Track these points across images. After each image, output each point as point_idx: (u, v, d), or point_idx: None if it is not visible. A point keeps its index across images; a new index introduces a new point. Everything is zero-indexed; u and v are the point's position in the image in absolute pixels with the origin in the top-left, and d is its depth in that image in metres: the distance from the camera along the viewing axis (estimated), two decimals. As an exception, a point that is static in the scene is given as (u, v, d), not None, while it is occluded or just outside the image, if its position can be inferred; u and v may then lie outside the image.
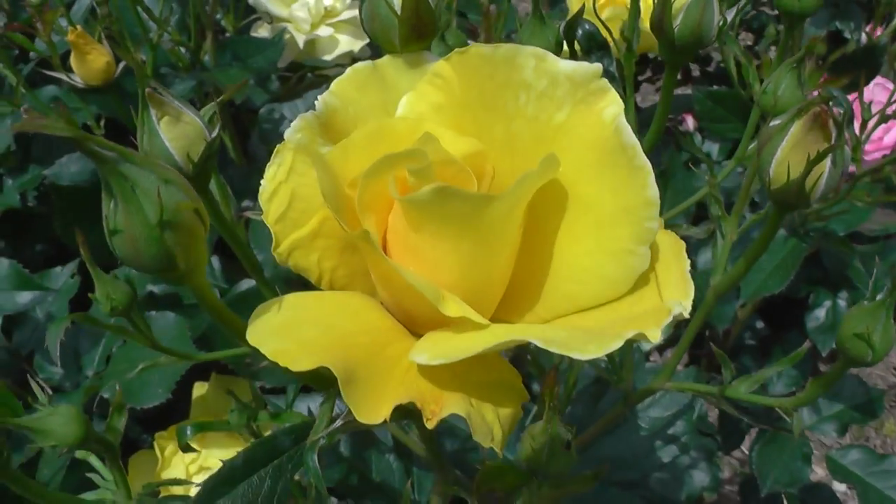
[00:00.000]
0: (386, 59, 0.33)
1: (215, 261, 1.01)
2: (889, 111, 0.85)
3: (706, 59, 1.67)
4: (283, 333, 0.27)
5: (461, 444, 0.72)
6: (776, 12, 1.46)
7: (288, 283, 0.42)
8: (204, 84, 1.04)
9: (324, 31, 1.15)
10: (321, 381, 0.36)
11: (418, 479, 0.66)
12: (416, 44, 0.34)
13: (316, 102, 0.32)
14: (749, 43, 1.73)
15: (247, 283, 0.91)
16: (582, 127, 0.29)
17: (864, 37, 0.99)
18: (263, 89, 1.17)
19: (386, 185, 0.28)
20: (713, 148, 1.19)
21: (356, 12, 1.14)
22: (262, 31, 1.16)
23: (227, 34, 1.12)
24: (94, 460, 0.54)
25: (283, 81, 1.22)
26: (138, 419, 0.91)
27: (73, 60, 0.84)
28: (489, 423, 0.27)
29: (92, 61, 0.83)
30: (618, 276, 0.29)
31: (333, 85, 0.32)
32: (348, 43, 1.18)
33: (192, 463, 0.84)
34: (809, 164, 0.32)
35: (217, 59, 1.05)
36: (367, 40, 1.17)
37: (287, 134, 0.31)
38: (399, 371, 0.28)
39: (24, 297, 0.83)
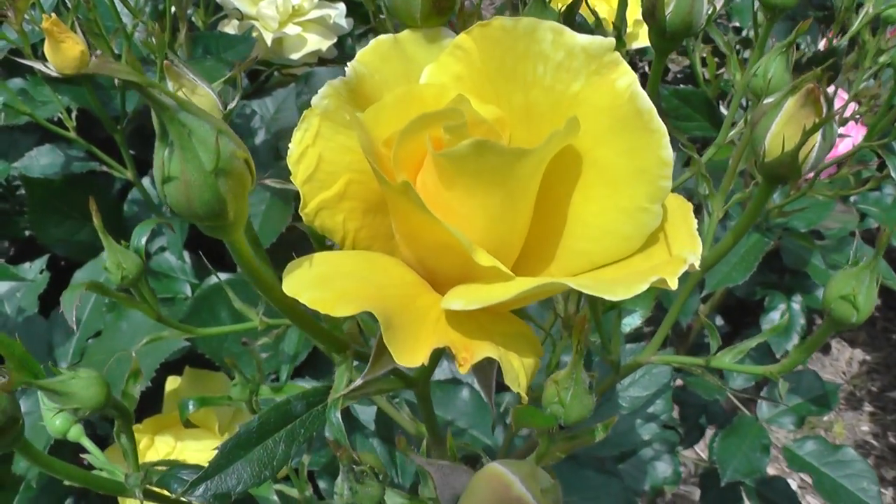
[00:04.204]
0: (406, 33, 0.35)
1: (186, 256, 1.01)
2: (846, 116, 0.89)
3: (664, 69, 1.72)
4: (319, 284, 0.29)
5: (441, 431, 0.73)
6: (733, 24, 1.51)
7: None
8: (177, 77, 1.04)
9: (291, 29, 1.15)
10: (338, 345, 0.37)
11: (401, 463, 0.67)
12: (435, 19, 0.35)
13: (346, 69, 0.33)
14: (703, 55, 1.77)
15: (215, 279, 0.91)
16: (597, 95, 0.31)
17: (823, 43, 1.03)
18: (232, 86, 1.17)
19: (421, 143, 0.30)
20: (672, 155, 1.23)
21: (324, 11, 1.15)
22: (229, 29, 1.16)
23: (197, 30, 1.12)
24: (86, 442, 0.54)
25: (251, 79, 1.22)
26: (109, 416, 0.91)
27: (46, 49, 0.83)
28: (516, 369, 0.29)
29: (66, 50, 0.83)
30: (632, 233, 0.31)
31: (359, 55, 0.33)
32: (316, 42, 1.18)
33: (167, 456, 0.84)
34: (805, 135, 0.34)
35: (190, 52, 1.05)
36: (335, 39, 1.18)
37: (314, 100, 0.33)
38: (431, 320, 0.29)
39: (2, 287, 0.82)
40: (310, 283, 0.29)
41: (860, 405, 1.95)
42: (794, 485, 1.69)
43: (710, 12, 0.44)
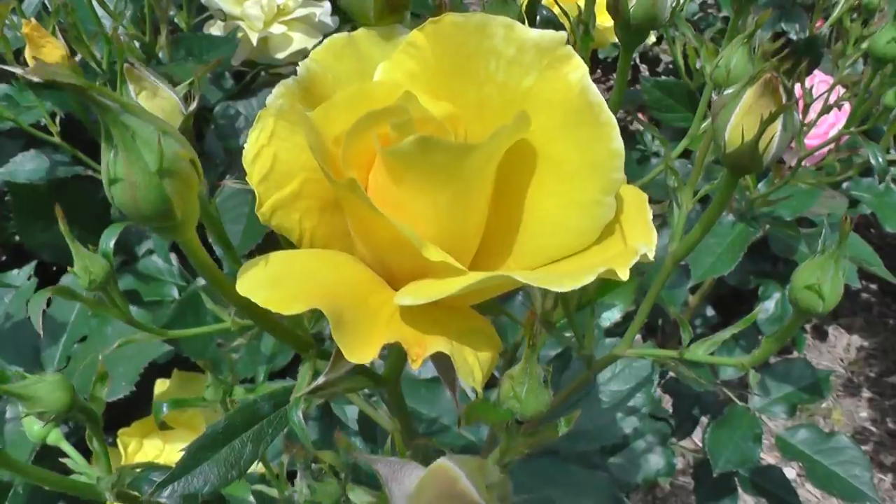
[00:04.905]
0: (361, 31, 0.35)
1: (173, 259, 1.01)
2: (831, 103, 0.89)
3: (655, 61, 1.72)
4: (272, 284, 0.29)
5: (426, 428, 0.73)
6: (722, 14, 1.51)
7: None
8: (159, 80, 1.03)
9: (277, 28, 1.14)
10: (301, 344, 0.37)
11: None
12: (389, 17, 0.35)
13: (297, 68, 0.33)
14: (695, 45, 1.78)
15: (202, 281, 0.92)
16: (549, 90, 0.31)
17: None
18: (217, 87, 1.17)
19: (369, 140, 0.30)
20: (661, 149, 1.23)
21: (309, 10, 1.14)
22: (214, 30, 1.16)
23: (180, 32, 1.12)
24: (65, 446, 0.54)
25: (237, 79, 1.22)
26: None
27: (28, 54, 0.83)
28: (470, 363, 0.29)
29: (47, 55, 0.83)
30: (586, 226, 0.31)
31: (313, 53, 0.33)
32: (301, 41, 1.18)
33: (156, 458, 0.84)
34: (762, 125, 0.34)
35: (172, 55, 1.05)
36: (321, 38, 1.17)
37: (268, 100, 0.33)
38: (384, 317, 0.29)
39: (-11, 294, 0.83)
40: (263, 282, 0.29)
41: (858, 391, 1.95)
42: (792, 473, 1.69)
43: (673, 5, 0.43)
